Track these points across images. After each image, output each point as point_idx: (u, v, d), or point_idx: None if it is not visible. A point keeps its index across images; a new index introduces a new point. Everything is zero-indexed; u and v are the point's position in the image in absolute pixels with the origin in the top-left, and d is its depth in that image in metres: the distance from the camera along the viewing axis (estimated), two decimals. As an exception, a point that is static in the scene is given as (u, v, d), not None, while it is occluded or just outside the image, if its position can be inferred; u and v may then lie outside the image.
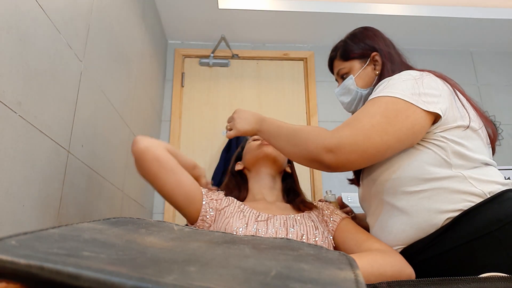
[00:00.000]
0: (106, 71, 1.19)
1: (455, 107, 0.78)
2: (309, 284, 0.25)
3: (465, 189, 0.72)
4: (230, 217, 0.87)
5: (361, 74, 0.95)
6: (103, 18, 1.15)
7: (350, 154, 0.72)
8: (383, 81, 0.83)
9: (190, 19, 2.08)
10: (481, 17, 2.07)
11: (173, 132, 2.11)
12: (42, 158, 0.80)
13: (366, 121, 0.74)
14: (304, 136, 0.80)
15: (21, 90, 0.71)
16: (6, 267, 0.21)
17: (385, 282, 0.45)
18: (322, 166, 0.77)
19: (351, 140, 0.72)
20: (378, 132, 0.72)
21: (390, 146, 0.74)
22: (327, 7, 2.02)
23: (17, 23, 0.70)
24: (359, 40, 0.97)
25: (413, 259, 0.75)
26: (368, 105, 0.78)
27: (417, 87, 0.76)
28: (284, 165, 1.11)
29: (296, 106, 2.24)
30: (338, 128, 0.76)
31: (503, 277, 0.42)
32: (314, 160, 0.77)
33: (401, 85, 0.77)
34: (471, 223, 0.69)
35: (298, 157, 0.82)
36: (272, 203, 1.01)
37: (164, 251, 0.31)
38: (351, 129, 0.74)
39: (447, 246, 0.71)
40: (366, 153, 0.72)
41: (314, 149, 0.76)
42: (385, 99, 0.76)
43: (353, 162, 0.74)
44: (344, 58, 0.99)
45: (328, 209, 0.98)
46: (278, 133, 0.88)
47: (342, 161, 0.73)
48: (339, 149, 0.73)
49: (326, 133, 0.77)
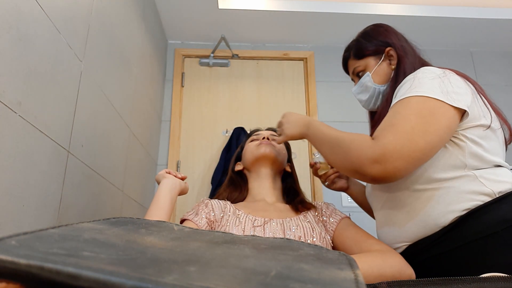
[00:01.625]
0: (106, 71, 1.19)
1: (477, 105, 0.77)
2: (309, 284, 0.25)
3: (476, 188, 0.71)
4: (225, 224, 0.87)
5: (377, 70, 0.95)
6: (103, 18, 1.15)
7: (396, 161, 0.68)
8: (407, 79, 0.80)
9: (190, 19, 2.08)
10: (481, 17, 2.07)
11: (173, 132, 2.11)
12: (42, 158, 0.80)
13: (403, 124, 0.70)
14: (346, 145, 0.76)
15: (21, 90, 0.71)
16: (6, 267, 0.21)
17: (385, 282, 0.45)
18: (366, 178, 0.72)
19: (395, 147, 0.68)
20: (420, 133, 0.69)
21: (434, 146, 0.71)
22: (327, 7, 2.02)
23: (17, 23, 0.70)
24: (372, 37, 0.97)
25: (419, 256, 0.75)
26: (399, 107, 0.75)
27: (443, 85, 0.74)
28: (284, 165, 1.11)
29: (296, 106, 2.24)
30: (378, 135, 0.72)
31: (503, 277, 0.42)
32: (357, 172, 0.73)
33: (428, 83, 0.75)
34: (478, 222, 0.69)
35: (342, 168, 0.79)
36: (271, 204, 1.01)
37: (164, 251, 0.31)
38: (392, 134, 0.70)
39: (453, 244, 0.71)
40: (411, 157, 0.68)
41: (356, 160, 0.72)
42: (416, 99, 0.73)
43: (400, 170, 0.69)
44: (358, 57, 0.98)
45: (328, 209, 0.98)
46: (322, 140, 0.84)
47: (390, 171, 0.68)
48: (385, 158, 0.68)
49: (368, 142, 0.72)
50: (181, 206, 1.98)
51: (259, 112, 2.21)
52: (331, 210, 0.97)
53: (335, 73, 2.31)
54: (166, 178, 0.93)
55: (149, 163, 1.87)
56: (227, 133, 2.13)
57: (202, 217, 0.90)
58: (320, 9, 2.02)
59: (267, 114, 2.20)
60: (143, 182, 1.73)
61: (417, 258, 0.76)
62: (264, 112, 2.21)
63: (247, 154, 1.10)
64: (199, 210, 0.93)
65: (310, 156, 2.13)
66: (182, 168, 2.07)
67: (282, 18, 2.09)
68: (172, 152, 2.07)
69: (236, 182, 1.12)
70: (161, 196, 0.87)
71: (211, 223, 0.90)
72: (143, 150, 1.71)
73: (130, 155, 1.48)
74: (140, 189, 1.67)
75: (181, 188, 0.95)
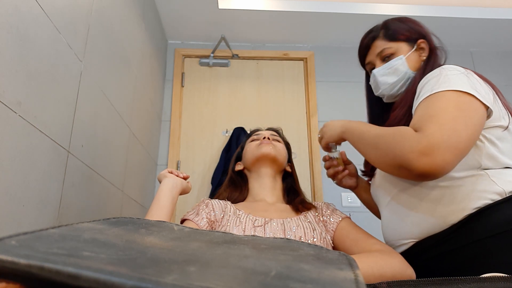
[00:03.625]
0: (106, 71, 1.19)
1: (497, 106, 0.76)
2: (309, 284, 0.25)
3: (487, 187, 0.71)
4: (226, 225, 0.88)
5: (410, 57, 0.92)
6: (103, 18, 1.15)
7: (445, 153, 0.64)
8: (432, 75, 0.78)
9: (190, 19, 2.08)
10: (481, 17, 2.07)
11: (173, 132, 2.11)
12: (42, 158, 0.80)
13: (444, 115, 0.67)
14: (388, 139, 0.72)
15: (21, 90, 0.71)
16: (6, 267, 0.21)
17: (385, 282, 0.45)
18: (412, 173, 0.67)
19: (442, 137, 0.64)
20: (462, 125, 0.66)
21: (473, 141, 0.68)
22: (327, 7, 2.02)
23: (17, 23, 0.70)
24: (405, 23, 0.95)
25: (425, 254, 0.75)
26: (433, 100, 0.72)
27: (470, 81, 0.73)
28: (284, 165, 1.11)
29: (296, 106, 2.24)
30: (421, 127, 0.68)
31: (503, 277, 0.42)
32: (401, 166, 0.68)
33: (457, 79, 0.73)
34: (487, 220, 0.69)
35: (383, 164, 0.74)
36: (272, 204, 1.01)
37: (164, 251, 0.31)
38: (436, 125, 0.66)
39: (461, 242, 0.71)
40: (458, 149, 0.65)
41: (400, 153, 0.67)
42: (449, 93, 0.71)
43: (448, 163, 0.64)
44: (390, 38, 0.94)
45: (328, 209, 0.98)
46: (360, 137, 0.81)
47: (439, 164, 0.64)
48: (432, 150, 0.64)
49: (412, 134, 0.68)
50: (181, 206, 1.98)
51: (259, 112, 2.21)
52: (331, 210, 0.97)
53: (335, 73, 2.31)
54: (167, 177, 0.93)
55: (149, 163, 1.87)
56: (227, 133, 2.13)
57: (203, 217, 0.90)
58: (320, 9, 2.02)
59: (267, 114, 2.20)
60: (143, 182, 1.73)
61: (424, 256, 0.75)
62: (264, 112, 2.21)
63: (247, 154, 1.10)
64: (200, 210, 0.93)
65: (311, 156, 2.13)
66: (182, 168, 2.07)
67: (282, 18, 2.09)
68: (172, 152, 2.08)
69: (237, 182, 1.12)
70: (161, 196, 0.88)
71: (211, 223, 0.90)
72: (143, 150, 1.71)
73: (130, 155, 1.48)
74: (140, 189, 1.67)
75: (182, 187, 0.95)
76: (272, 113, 2.21)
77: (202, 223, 0.88)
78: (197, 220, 0.89)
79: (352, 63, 2.31)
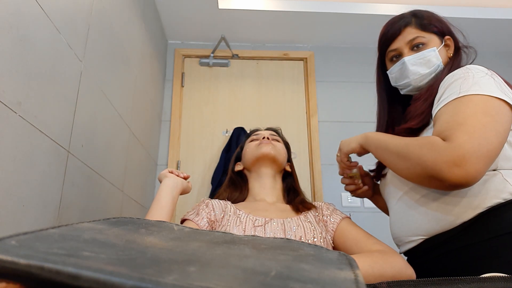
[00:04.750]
0: (106, 71, 1.19)
1: None
2: (309, 284, 0.25)
3: (500, 186, 0.71)
4: (226, 225, 0.88)
5: (441, 50, 0.90)
6: (103, 18, 1.15)
7: (477, 163, 0.62)
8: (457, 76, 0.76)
9: (190, 19, 2.08)
10: (481, 17, 2.07)
11: (173, 132, 2.11)
12: (42, 158, 0.80)
13: (473, 122, 0.65)
14: (416, 150, 0.70)
15: (21, 90, 0.71)
16: (6, 267, 0.21)
17: (385, 282, 0.45)
18: (444, 184, 0.65)
19: (473, 147, 0.63)
20: (492, 132, 0.65)
21: (503, 145, 0.67)
22: (327, 7, 2.02)
23: (17, 23, 0.70)
24: (435, 18, 0.94)
25: (434, 251, 0.75)
26: (460, 105, 0.70)
27: (498, 84, 0.71)
28: (284, 164, 1.11)
29: (296, 106, 2.24)
30: (450, 136, 0.66)
31: (503, 277, 0.42)
32: (432, 177, 0.66)
33: (485, 82, 0.71)
34: (499, 219, 0.69)
35: (413, 175, 0.72)
36: (272, 204, 1.01)
37: (164, 251, 0.31)
38: (466, 134, 0.64)
39: (470, 240, 0.71)
40: (489, 158, 0.64)
41: (432, 165, 0.66)
42: (478, 98, 0.69)
43: (481, 172, 0.63)
44: (424, 28, 0.91)
45: (328, 209, 0.98)
46: (385, 148, 0.79)
47: (472, 174, 0.62)
48: (465, 160, 0.62)
49: (442, 144, 0.66)
50: (181, 206, 1.98)
51: (259, 112, 2.21)
52: (332, 210, 0.97)
53: (335, 73, 2.31)
54: (168, 177, 0.93)
55: (149, 163, 1.87)
56: (227, 133, 2.13)
57: (203, 217, 0.90)
58: (320, 9, 2.02)
59: (267, 114, 2.20)
60: (143, 182, 1.73)
61: (433, 253, 0.75)
62: (264, 112, 2.21)
63: (247, 154, 1.10)
64: (200, 210, 0.93)
65: (310, 156, 2.13)
66: (182, 168, 2.07)
67: (282, 18, 2.09)
68: (172, 152, 2.08)
69: (236, 182, 1.12)
70: (162, 196, 0.88)
71: (211, 223, 0.90)
72: (143, 150, 1.71)
73: (130, 155, 1.48)
74: (140, 189, 1.67)
75: (183, 187, 0.95)
76: (272, 113, 2.21)
77: (202, 223, 0.89)
78: (197, 220, 0.89)
79: (352, 63, 2.33)
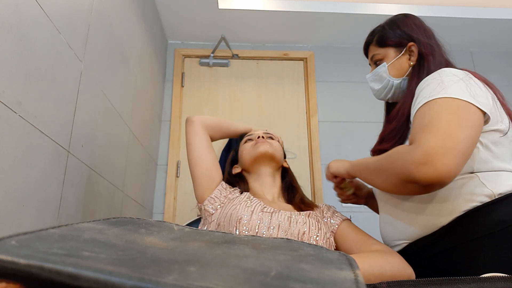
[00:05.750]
0: (106, 71, 1.19)
1: (496, 110, 0.75)
2: (309, 284, 0.25)
3: (477, 189, 0.71)
4: (237, 204, 0.89)
5: (395, 63, 0.93)
6: (103, 18, 1.15)
7: (444, 158, 0.63)
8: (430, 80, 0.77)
9: (190, 19, 2.08)
10: (481, 17, 2.07)
11: (173, 132, 2.11)
12: (42, 158, 0.80)
13: (436, 121, 0.67)
14: (387, 160, 0.73)
15: (21, 90, 0.71)
16: (6, 267, 0.21)
17: (385, 282, 0.45)
18: (419, 186, 0.66)
19: (437, 143, 0.64)
20: (456, 127, 0.65)
21: (473, 142, 0.67)
22: (327, 7, 2.02)
23: (17, 23, 0.70)
24: (398, 27, 0.95)
25: (417, 255, 0.76)
26: (427, 109, 0.71)
27: (467, 87, 0.72)
28: (282, 161, 1.11)
29: (296, 106, 2.24)
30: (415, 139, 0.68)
31: (503, 277, 0.42)
32: (406, 181, 0.67)
33: (454, 86, 0.72)
34: (476, 222, 0.69)
35: (391, 186, 0.73)
36: (272, 202, 1.01)
37: (164, 251, 0.31)
38: (429, 134, 0.66)
39: (450, 244, 0.71)
40: (456, 151, 0.64)
41: (401, 169, 0.67)
42: (443, 100, 0.70)
43: (451, 167, 0.63)
44: (380, 44, 0.96)
45: (329, 210, 0.98)
46: (365, 168, 0.83)
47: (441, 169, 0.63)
48: (431, 157, 0.63)
49: (408, 148, 0.69)
50: (181, 207, 1.98)
51: (259, 112, 2.21)
52: (332, 212, 0.97)
53: (335, 73, 2.31)
54: None
55: (149, 163, 1.87)
56: (227, 133, 2.13)
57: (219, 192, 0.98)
58: (320, 9, 2.02)
59: (267, 114, 2.20)
60: (143, 182, 1.73)
61: (416, 257, 0.76)
62: (264, 112, 2.21)
63: (244, 155, 1.09)
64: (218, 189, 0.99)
65: (311, 157, 2.13)
66: (182, 168, 2.07)
67: (282, 18, 2.09)
68: (172, 152, 2.07)
69: (236, 185, 1.11)
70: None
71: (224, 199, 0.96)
72: (143, 150, 1.71)
73: (130, 155, 1.48)
74: (140, 189, 1.67)
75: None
76: (272, 113, 2.21)
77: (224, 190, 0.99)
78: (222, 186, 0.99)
79: (352, 63, 2.33)
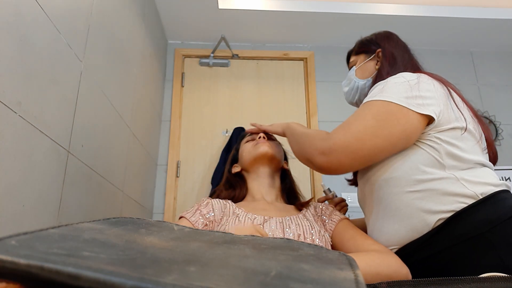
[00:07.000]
0: (106, 71, 1.19)
1: (450, 109, 0.78)
2: (309, 284, 0.25)
3: (457, 190, 0.72)
4: (225, 224, 0.88)
5: (363, 66, 1.01)
6: (103, 18, 1.15)
7: (341, 156, 0.75)
8: (377, 84, 0.83)
9: (190, 19, 2.08)
10: (481, 17, 2.07)
11: (173, 132, 2.11)
12: (42, 158, 0.80)
13: (357, 124, 0.76)
14: (306, 138, 0.85)
15: (21, 90, 0.71)
16: (6, 267, 0.21)
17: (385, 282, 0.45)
18: (315, 167, 0.81)
19: (343, 143, 0.75)
20: (369, 135, 0.74)
21: (382, 149, 0.75)
22: (327, 7, 2.02)
23: (17, 23, 0.70)
24: (373, 38, 1.03)
25: (408, 259, 0.75)
26: (361, 109, 0.80)
27: (410, 90, 0.76)
28: (282, 162, 1.11)
29: (296, 106, 2.24)
30: (333, 132, 0.79)
31: (503, 277, 0.42)
32: (308, 160, 0.82)
33: (394, 88, 0.78)
34: (463, 224, 0.69)
35: (300, 156, 0.88)
36: (270, 203, 1.01)
37: (164, 251, 0.31)
38: (343, 132, 0.76)
39: (438, 247, 0.71)
40: (357, 155, 0.75)
41: (309, 150, 0.81)
42: (377, 103, 0.77)
43: (344, 165, 0.76)
44: (356, 52, 1.06)
45: (328, 209, 0.98)
46: (293, 133, 0.95)
47: (334, 163, 0.76)
48: (331, 151, 0.76)
49: (322, 136, 0.80)
50: (182, 207, 1.98)
51: (259, 112, 2.21)
52: (331, 211, 0.97)
53: (335, 73, 2.31)
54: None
55: (149, 163, 1.87)
56: (227, 133, 2.13)
57: (199, 217, 0.90)
58: (320, 9, 2.02)
59: (267, 114, 2.20)
60: (143, 182, 1.73)
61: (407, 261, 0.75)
62: (264, 112, 2.21)
63: (244, 155, 1.09)
64: (198, 210, 0.93)
65: (310, 156, 2.13)
66: (182, 168, 2.07)
67: (282, 18, 2.09)
68: (172, 152, 2.08)
69: (234, 183, 1.11)
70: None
71: (210, 223, 0.90)
72: (143, 150, 1.71)
73: (130, 155, 1.48)
74: (140, 189, 1.67)
75: None
76: (272, 113, 2.21)
77: (198, 223, 0.89)
78: (193, 220, 0.89)
79: (352, 63, 2.33)
